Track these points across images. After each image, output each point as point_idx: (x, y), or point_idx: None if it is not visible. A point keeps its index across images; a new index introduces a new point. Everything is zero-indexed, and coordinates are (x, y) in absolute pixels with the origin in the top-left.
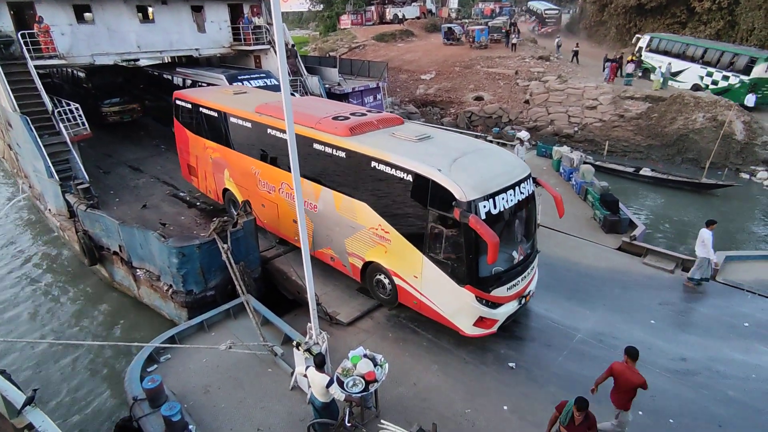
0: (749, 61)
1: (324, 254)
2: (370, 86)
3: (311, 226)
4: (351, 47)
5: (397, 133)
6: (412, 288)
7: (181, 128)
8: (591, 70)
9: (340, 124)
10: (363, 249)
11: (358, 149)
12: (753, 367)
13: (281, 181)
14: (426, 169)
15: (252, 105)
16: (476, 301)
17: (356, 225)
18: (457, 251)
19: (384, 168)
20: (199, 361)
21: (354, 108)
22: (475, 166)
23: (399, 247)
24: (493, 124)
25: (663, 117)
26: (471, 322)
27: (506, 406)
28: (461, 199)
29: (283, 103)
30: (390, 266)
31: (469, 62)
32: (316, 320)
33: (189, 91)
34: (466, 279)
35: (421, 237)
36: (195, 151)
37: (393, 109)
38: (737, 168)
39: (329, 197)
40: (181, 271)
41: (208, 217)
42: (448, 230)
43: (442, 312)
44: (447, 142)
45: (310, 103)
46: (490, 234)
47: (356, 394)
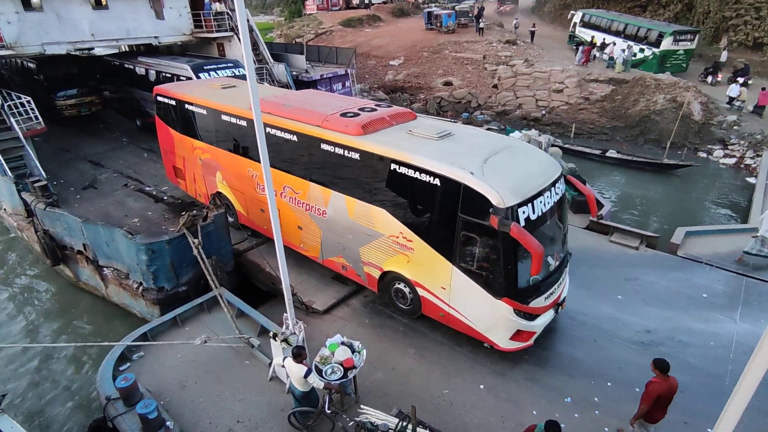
0: (658, 35)
1: (335, 263)
2: (338, 73)
3: (319, 232)
4: (318, 33)
5: (415, 130)
6: (438, 300)
7: (165, 127)
8: (556, 53)
9: (351, 122)
10: (381, 258)
11: (375, 150)
12: (711, 335)
13: (283, 184)
14: (457, 172)
15: (245, 101)
16: (514, 314)
17: (373, 233)
18: (493, 262)
19: (406, 171)
20: (174, 357)
21: (360, 102)
22: (508, 166)
23: (424, 256)
24: (463, 110)
25: (626, 99)
26: (508, 336)
27: (482, 385)
28: (499, 206)
29: (249, 92)
30: (413, 277)
31: (437, 47)
32: (292, 310)
33: (171, 86)
34: (504, 291)
35: (451, 246)
36: (181, 152)
37: (362, 95)
38: (696, 147)
39: (341, 203)
40: (151, 267)
41: (177, 212)
42: (483, 239)
43: (474, 326)
44: (471, 140)
45: (310, 98)
46: (535, 244)
47: (335, 382)
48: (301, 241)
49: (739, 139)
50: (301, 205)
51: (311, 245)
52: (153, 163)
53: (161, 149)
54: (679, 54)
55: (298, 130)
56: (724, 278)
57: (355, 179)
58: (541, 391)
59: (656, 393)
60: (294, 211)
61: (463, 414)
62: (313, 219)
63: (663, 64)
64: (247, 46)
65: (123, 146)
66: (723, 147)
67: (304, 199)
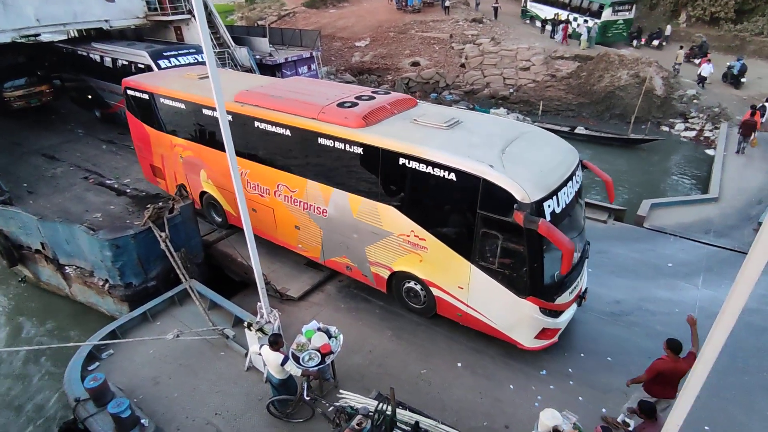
0: (599, 6)
1: (338, 263)
2: (303, 56)
3: (320, 232)
4: (280, 15)
5: (420, 119)
6: (455, 300)
7: (138, 123)
8: (522, 30)
9: (350, 113)
10: (389, 258)
11: (380, 144)
12: (676, 302)
13: (277, 182)
14: (474, 166)
15: (229, 92)
16: (540, 312)
17: (380, 231)
18: (516, 260)
19: (417, 166)
20: (146, 353)
21: (356, 89)
22: (527, 156)
23: (439, 255)
24: (431, 90)
25: (591, 75)
26: (533, 334)
27: (459, 363)
28: (523, 201)
29: (210, 77)
30: (427, 276)
31: (403, 27)
32: (266, 298)
33: (143, 77)
34: (529, 290)
35: (470, 244)
36: (159, 150)
37: (329, 78)
38: (658, 121)
39: (343, 201)
40: (116, 264)
41: (142, 205)
42: (505, 236)
43: (496, 325)
44: (482, 127)
45: (301, 87)
46: (566, 241)
47: (313, 368)
48: (300, 242)
49: (699, 112)
50: (298, 204)
51: (311, 246)
52: (113, 154)
53: (135, 147)
54: (619, 24)
55: (292, 123)
56: (688, 247)
57: (358, 175)
58: (518, 366)
59: (658, 369)
60: (290, 211)
61: (442, 392)
62: (313, 218)
63: (605, 33)
64: (205, 28)
65: (79, 138)
66: (684, 120)
67: (302, 197)
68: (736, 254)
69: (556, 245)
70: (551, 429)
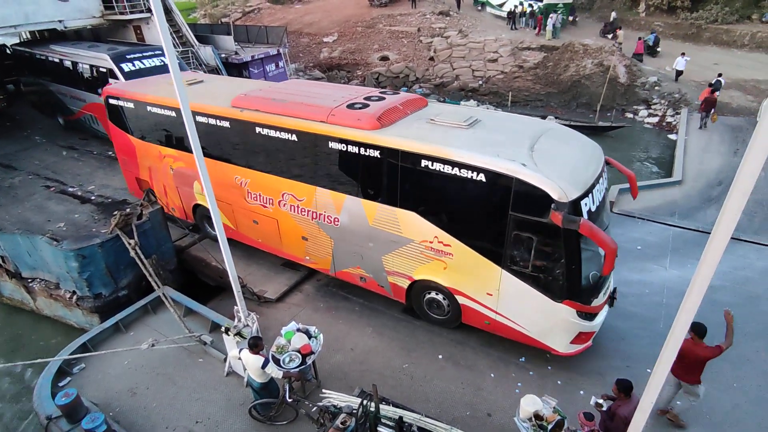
0: None
1: (350, 274)
2: (270, 53)
3: (330, 243)
4: (245, 12)
5: (437, 118)
6: (483, 307)
7: (122, 134)
8: (489, 22)
9: (363, 114)
10: (410, 266)
11: (400, 145)
12: (647, 284)
13: (282, 191)
14: (506, 165)
15: (222, 98)
16: (577, 316)
17: (400, 239)
18: (552, 262)
19: (441, 167)
20: (120, 365)
21: (363, 90)
22: (557, 153)
23: (466, 261)
24: (401, 84)
25: (557, 65)
26: (568, 339)
27: (441, 355)
28: (561, 200)
29: (173, 77)
30: (452, 284)
31: (371, 21)
32: (242, 302)
33: (125, 85)
34: (566, 293)
35: (500, 248)
36: (146, 162)
37: (298, 75)
38: (623, 109)
39: (357, 208)
40: (83, 274)
41: (108, 212)
42: (540, 238)
43: (528, 332)
44: (503, 125)
45: (301, 90)
46: (609, 241)
47: (294, 370)
48: (307, 253)
49: (660, 99)
50: (306, 214)
51: (320, 257)
52: (74, 161)
53: (119, 159)
54: (559, 7)
55: (298, 128)
56: (655, 230)
57: (374, 180)
58: (498, 354)
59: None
60: (297, 221)
61: (424, 385)
62: (323, 228)
63: (547, 16)
64: (164, 27)
65: (37, 145)
66: (647, 107)
67: (310, 206)
68: (701, 234)
69: (599, 245)
70: (532, 414)
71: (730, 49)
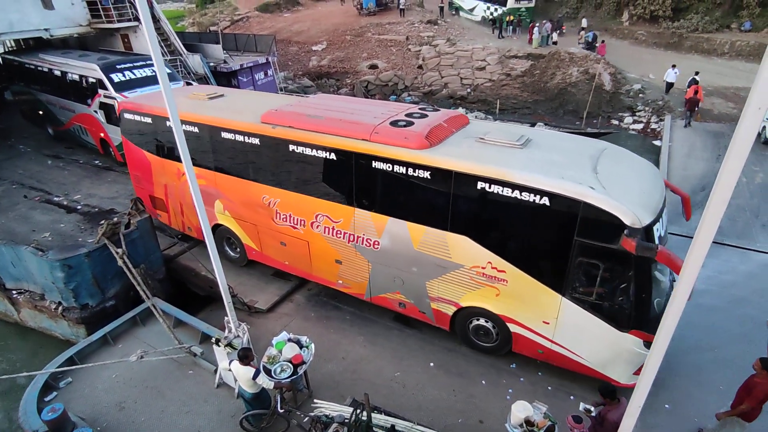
0: None
1: (388, 300)
2: (259, 62)
3: (368, 266)
4: (233, 20)
5: (486, 137)
6: (538, 336)
7: (137, 150)
8: (476, 31)
9: (411, 133)
10: (457, 293)
11: (454, 166)
12: None
13: (316, 212)
14: (573, 188)
15: (249, 113)
16: (643, 346)
17: (448, 264)
18: (620, 290)
19: (500, 190)
20: (108, 378)
21: (401, 106)
22: (621, 175)
23: (522, 288)
24: (390, 92)
25: (544, 73)
26: (632, 370)
27: (432, 363)
28: (634, 226)
29: (162, 87)
30: (504, 312)
31: (359, 30)
32: (233, 313)
33: (141, 99)
34: (633, 323)
35: (561, 275)
36: (162, 179)
37: (287, 84)
38: (609, 115)
39: (402, 231)
40: (69, 285)
41: (95, 221)
42: (608, 265)
43: (587, 362)
44: (555, 144)
45: (337, 106)
46: None
47: (285, 380)
48: (340, 277)
49: (644, 106)
50: (342, 236)
51: (355, 281)
52: (60, 170)
53: (132, 176)
54: (522, 11)
55: (338, 146)
56: None
57: (422, 202)
58: (489, 361)
59: (765, 393)
60: (330, 243)
61: (416, 393)
62: (360, 251)
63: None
64: (152, 36)
65: (21, 154)
66: (632, 114)
67: (347, 228)
68: (685, 239)
69: (676, 272)
70: (523, 420)
71: (710, 57)
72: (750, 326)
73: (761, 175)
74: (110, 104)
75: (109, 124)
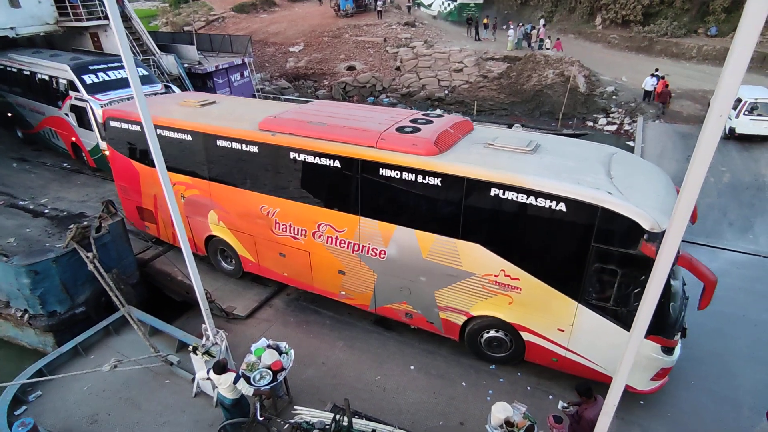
0: None
1: (394, 310)
2: (235, 63)
3: (373, 277)
4: (208, 20)
5: (495, 142)
6: (552, 344)
7: (124, 160)
8: (454, 33)
9: (419, 139)
10: (467, 302)
11: (466, 173)
12: None
13: (318, 222)
14: (591, 193)
15: (246, 120)
16: (661, 352)
17: (459, 273)
18: (638, 296)
19: (514, 196)
20: (80, 391)
21: (402, 112)
22: (635, 180)
23: (536, 296)
24: (368, 94)
25: (520, 75)
26: (649, 376)
27: (413, 366)
28: (653, 230)
29: (133, 90)
30: (517, 320)
31: (337, 31)
32: (211, 320)
33: (129, 106)
34: (652, 328)
35: (577, 281)
36: (151, 190)
37: (264, 85)
38: (584, 117)
39: (410, 240)
40: (36, 291)
41: (64, 226)
42: (625, 270)
43: (603, 369)
44: (564, 149)
45: (338, 112)
46: (709, 273)
47: (265, 387)
48: (343, 288)
49: (618, 107)
50: (346, 246)
51: (358, 292)
52: (26, 173)
53: (118, 187)
54: (472, 6)
55: (342, 153)
56: None
57: (431, 210)
58: (469, 362)
59: None
60: (333, 253)
61: (397, 396)
62: (365, 261)
63: (461, 13)
64: (122, 34)
65: None
66: (606, 115)
67: (351, 237)
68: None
69: (699, 278)
70: (503, 421)
71: (679, 60)
72: (723, 322)
73: (729, 175)
74: (82, 107)
75: (80, 128)
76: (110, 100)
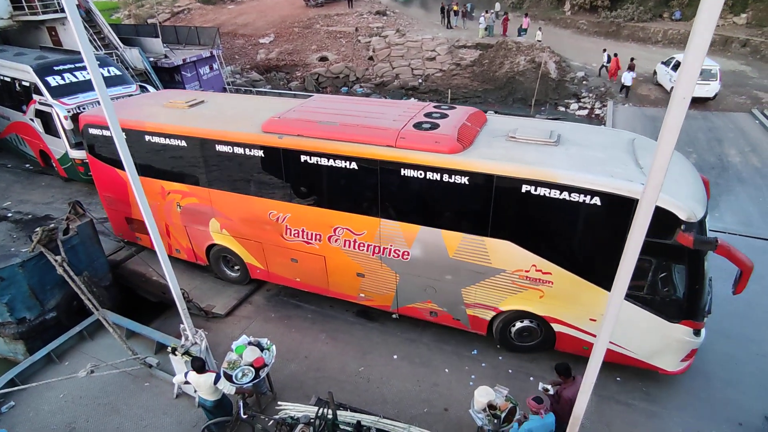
0: None
1: (418, 310)
2: (203, 56)
3: (395, 278)
4: (174, 12)
5: (517, 135)
6: (583, 333)
7: (108, 169)
8: (425, 21)
9: (441, 136)
10: (496, 297)
11: (495, 170)
12: None
13: (334, 226)
14: (626, 186)
15: (245, 122)
16: (693, 335)
17: (487, 270)
18: (672, 283)
19: (547, 192)
20: (56, 399)
21: (414, 105)
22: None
23: (568, 288)
24: (342, 84)
25: (492, 62)
26: (680, 358)
27: (396, 355)
28: (690, 220)
29: (96, 88)
30: (548, 313)
31: (307, 22)
32: (189, 319)
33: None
34: (685, 314)
35: (611, 273)
36: None
37: (235, 78)
38: (556, 102)
39: (437, 240)
40: (3, 298)
41: (29, 229)
42: (660, 260)
43: (634, 354)
44: (586, 138)
45: (345, 109)
46: (746, 259)
47: (248, 384)
48: (362, 291)
49: (588, 92)
50: (366, 249)
51: (379, 294)
52: None
53: (102, 198)
54: None
55: (359, 154)
56: None
57: (458, 209)
58: (451, 348)
59: None
60: (351, 257)
61: (381, 386)
62: (386, 263)
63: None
64: (79, 26)
65: None
66: (577, 100)
67: (371, 240)
68: None
69: (737, 264)
70: (486, 405)
71: (646, 45)
72: None
73: (695, 156)
74: (47, 112)
75: (47, 135)
76: (78, 104)
